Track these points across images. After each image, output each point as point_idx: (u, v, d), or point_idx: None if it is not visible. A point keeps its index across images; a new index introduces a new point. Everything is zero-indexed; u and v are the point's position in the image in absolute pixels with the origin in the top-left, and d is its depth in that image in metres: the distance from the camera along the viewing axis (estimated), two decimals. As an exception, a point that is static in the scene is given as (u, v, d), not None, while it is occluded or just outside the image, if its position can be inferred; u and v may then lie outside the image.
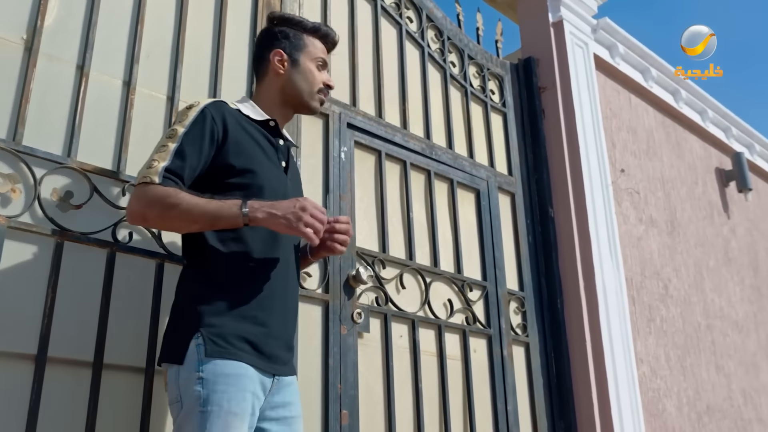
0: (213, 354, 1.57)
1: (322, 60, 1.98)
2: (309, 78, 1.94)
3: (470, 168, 3.36)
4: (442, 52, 3.48)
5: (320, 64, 1.97)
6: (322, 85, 1.97)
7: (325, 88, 1.98)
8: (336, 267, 2.58)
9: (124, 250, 2.03)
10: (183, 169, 1.66)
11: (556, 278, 3.47)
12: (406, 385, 2.71)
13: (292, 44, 1.95)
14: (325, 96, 2.00)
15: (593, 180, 3.70)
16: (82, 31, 2.14)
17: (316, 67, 1.96)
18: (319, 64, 1.97)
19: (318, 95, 1.97)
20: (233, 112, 1.85)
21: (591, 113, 3.90)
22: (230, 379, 1.56)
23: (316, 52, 1.97)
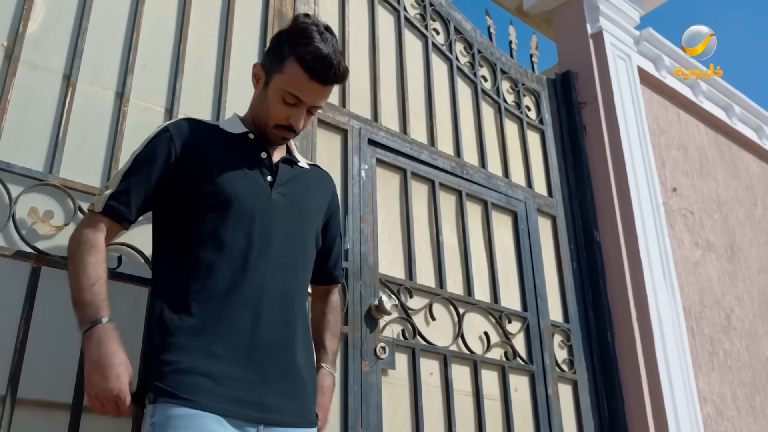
0: (163, 395, 1.35)
1: (292, 97, 1.57)
2: (269, 109, 1.62)
3: (506, 188, 3.08)
4: (473, 65, 3.24)
5: (289, 101, 1.58)
6: (284, 121, 1.61)
7: (285, 127, 1.62)
8: (356, 296, 2.32)
9: (112, 276, 1.79)
10: (128, 194, 1.54)
11: (605, 308, 3.13)
12: (437, 428, 2.40)
13: (273, 60, 1.62)
14: (287, 135, 1.64)
15: (642, 201, 3.38)
16: (71, 39, 1.96)
17: (283, 101, 1.58)
18: (287, 101, 1.58)
19: (275, 131, 1.63)
20: (205, 127, 1.66)
21: (637, 129, 3.59)
22: (182, 420, 1.33)
23: (287, 83, 1.56)
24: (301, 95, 1.58)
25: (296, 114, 1.61)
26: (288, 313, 1.57)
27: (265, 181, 1.63)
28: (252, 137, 1.67)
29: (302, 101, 1.59)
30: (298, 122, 1.62)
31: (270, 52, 1.66)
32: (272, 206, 1.61)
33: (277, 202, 1.63)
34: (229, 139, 1.65)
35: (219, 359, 1.43)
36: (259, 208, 1.58)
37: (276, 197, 1.63)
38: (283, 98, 1.59)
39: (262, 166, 1.65)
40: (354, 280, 2.34)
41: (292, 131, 1.64)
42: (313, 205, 1.75)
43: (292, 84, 1.57)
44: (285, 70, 1.58)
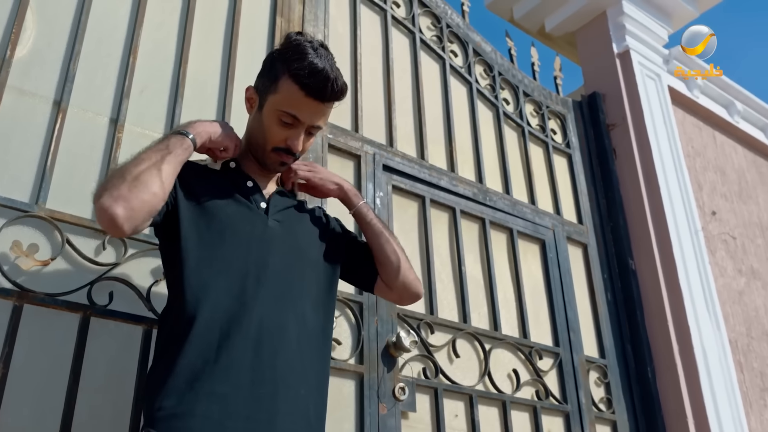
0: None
1: (289, 117, 1.46)
2: (264, 133, 1.50)
3: (532, 216, 2.90)
4: (493, 88, 3.10)
5: (286, 121, 1.47)
6: (282, 144, 1.49)
7: (284, 150, 1.50)
8: (371, 332, 2.15)
9: (101, 314, 1.66)
10: None
11: (644, 342, 2.91)
12: (464, 477, 2.20)
13: (266, 80, 1.51)
14: (286, 159, 1.52)
15: (680, 226, 3.17)
16: (62, 64, 1.85)
17: (279, 122, 1.47)
18: (284, 122, 1.47)
19: (273, 155, 1.51)
20: (195, 168, 1.52)
21: (671, 151, 3.40)
22: None
23: (283, 103, 1.46)
24: (299, 114, 1.46)
25: (294, 135, 1.49)
26: (290, 346, 1.41)
27: (255, 209, 1.50)
28: (233, 166, 1.56)
29: (300, 121, 1.47)
30: (296, 143, 1.49)
31: (262, 73, 1.55)
32: (269, 232, 1.48)
33: (274, 228, 1.49)
34: (214, 175, 1.53)
35: (220, 399, 1.27)
36: (255, 235, 1.45)
37: (272, 224, 1.50)
38: (279, 119, 1.48)
39: (251, 193, 1.52)
40: (369, 315, 2.17)
41: (290, 154, 1.52)
42: (311, 230, 1.61)
43: (287, 103, 1.46)
44: (279, 89, 1.47)
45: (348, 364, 2.06)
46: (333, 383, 1.99)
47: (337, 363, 2.02)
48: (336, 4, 2.61)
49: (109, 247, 1.74)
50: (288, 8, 2.42)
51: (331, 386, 1.99)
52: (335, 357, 2.03)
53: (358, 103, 2.49)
